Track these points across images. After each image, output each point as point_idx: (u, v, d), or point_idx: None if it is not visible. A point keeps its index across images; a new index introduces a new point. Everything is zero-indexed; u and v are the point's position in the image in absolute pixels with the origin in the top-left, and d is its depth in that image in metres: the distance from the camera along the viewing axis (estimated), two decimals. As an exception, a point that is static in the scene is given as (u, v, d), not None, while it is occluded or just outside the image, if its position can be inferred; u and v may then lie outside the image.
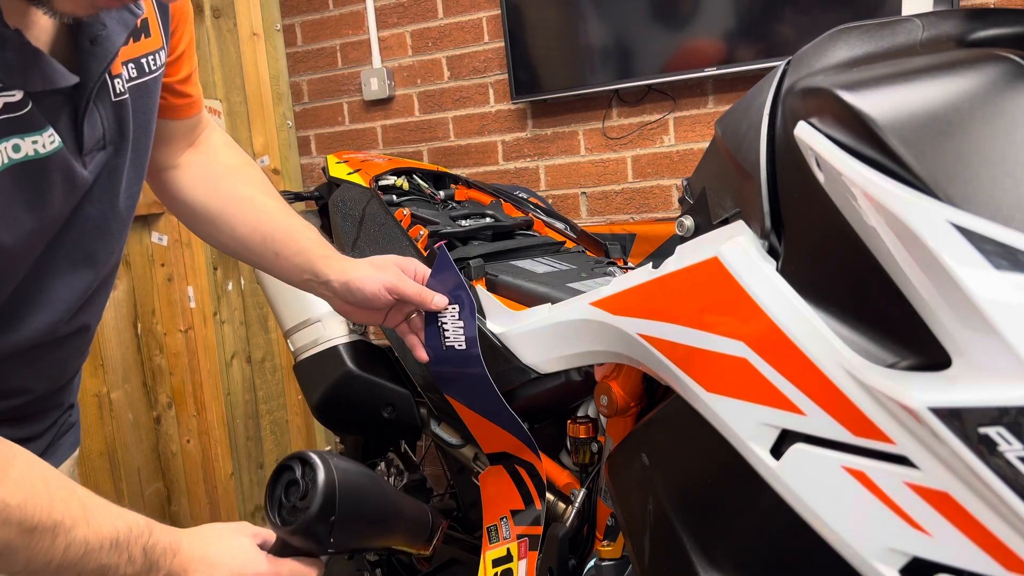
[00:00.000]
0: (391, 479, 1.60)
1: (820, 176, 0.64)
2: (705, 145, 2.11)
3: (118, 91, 0.77)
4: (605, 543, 1.04)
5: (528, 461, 1.12)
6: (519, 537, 1.09)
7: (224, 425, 2.20)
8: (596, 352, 0.97)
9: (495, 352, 1.15)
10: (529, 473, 1.12)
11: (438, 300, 1.05)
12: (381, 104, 2.53)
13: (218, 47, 2.43)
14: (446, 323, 1.07)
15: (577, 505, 1.13)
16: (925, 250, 0.54)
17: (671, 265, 0.82)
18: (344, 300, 1.05)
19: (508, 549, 1.09)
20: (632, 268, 1.03)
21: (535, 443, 1.10)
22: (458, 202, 1.65)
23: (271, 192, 1.09)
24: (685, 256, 0.81)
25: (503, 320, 1.16)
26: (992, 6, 1.87)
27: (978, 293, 0.51)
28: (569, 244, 1.47)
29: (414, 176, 1.67)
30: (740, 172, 0.74)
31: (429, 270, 1.08)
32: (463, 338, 1.05)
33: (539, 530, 1.08)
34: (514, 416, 1.07)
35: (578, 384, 1.17)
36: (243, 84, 2.44)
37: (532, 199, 1.73)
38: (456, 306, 1.05)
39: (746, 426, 0.70)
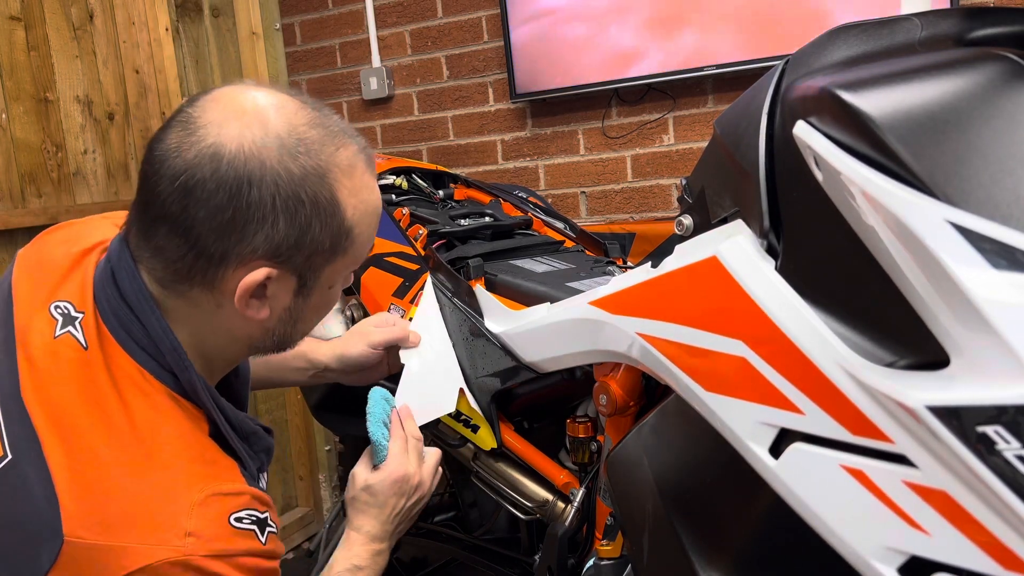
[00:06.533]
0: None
1: (819, 175, 0.64)
2: (704, 144, 2.11)
3: None
4: (604, 542, 1.04)
5: (395, 251, 1.33)
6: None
7: (223, 425, 2.21)
8: (595, 351, 0.97)
9: (494, 351, 1.15)
10: (400, 256, 1.32)
11: (412, 338, 1.19)
12: (380, 103, 2.53)
13: (217, 47, 2.44)
14: None
15: (576, 504, 1.13)
16: (923, 249, 0.54)
17: (670, 264, 0.82)
18: (347, 372, 1.17)
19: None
20: (631, 267, 1.03)
21: (398, 231, 1.35)
22: (457, 201, 1.65)
23: None
24: (684, 255, 0.81)
25: (502, 319, 1.16)
26: (991, 5, 1.87)
27: (976, 292, 0.51)
28: (568, 243, 1.47)
29: (413, 175, 1.66)
30: (739, 171, 0.74)
31: (400, 319, 1.22)
32: None
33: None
34: (392, 224, 1.37)
35: (577, 383, 1.17)
36: (242, 84, 2.44)
37: (531, 198, 1.73)
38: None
39: (745, 425, 0.70)
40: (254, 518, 0.73)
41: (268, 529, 0.75)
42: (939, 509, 0.56)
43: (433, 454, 1.03)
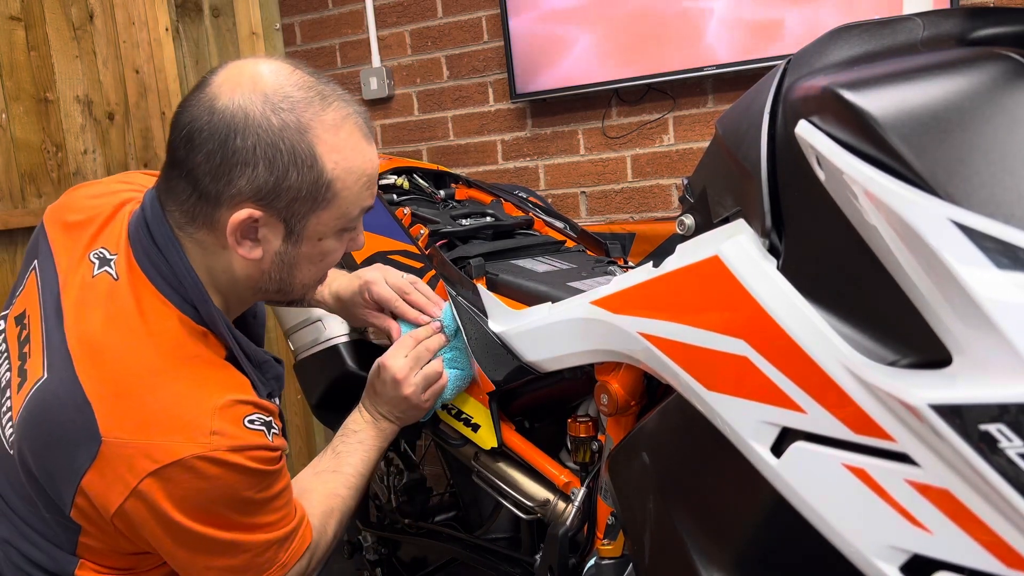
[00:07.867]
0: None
1: (821, 174, 0.64)
2: (705, 144, 2.11)
3: None
4: (605, 542, 1.04)
5: (399, 250, 1.37)
6: None
7: (224, 425, 2.20)
8: (596, 351, 0.98)
9: (496, 351, 1.15)
10: (404, 255, 1.36)
11: (410, 314, 1.20)
12: (380, 103, 2.53)
13: (217, 47, 2.44)
14: None
15: (577, 504, 1.13)
16: (926, 248, 0.54)
17: (671, 264, 0.83)
18: (341, 310, 1.26)
19: None
20: (632, 267, 1.03)
21: (400, 230, 1.38)
22: (458, 201, 1.65)
23: None
24: (686, 255, 0.81)
25: (504, 319, 1.16)
26: (992, 5, 1.88)
27: (979, 291, 0.51)
28: (569, 243, 1.47)
29: (414, 175, 1.66)
30: (741, 171, 0.74)
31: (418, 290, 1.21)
32: None
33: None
34: (394, 223, 1.40)
35: (578, 383, 1.17)
36: (242, 83, 2.44)
37: (531, 198, 1.73)
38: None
39: (747, 424, 0.70)
40: (262, 420, 0.87)
41: (272, 430, 0.88)
42: (941, 507, 0.56)
43: (431, 367, 1.16)
